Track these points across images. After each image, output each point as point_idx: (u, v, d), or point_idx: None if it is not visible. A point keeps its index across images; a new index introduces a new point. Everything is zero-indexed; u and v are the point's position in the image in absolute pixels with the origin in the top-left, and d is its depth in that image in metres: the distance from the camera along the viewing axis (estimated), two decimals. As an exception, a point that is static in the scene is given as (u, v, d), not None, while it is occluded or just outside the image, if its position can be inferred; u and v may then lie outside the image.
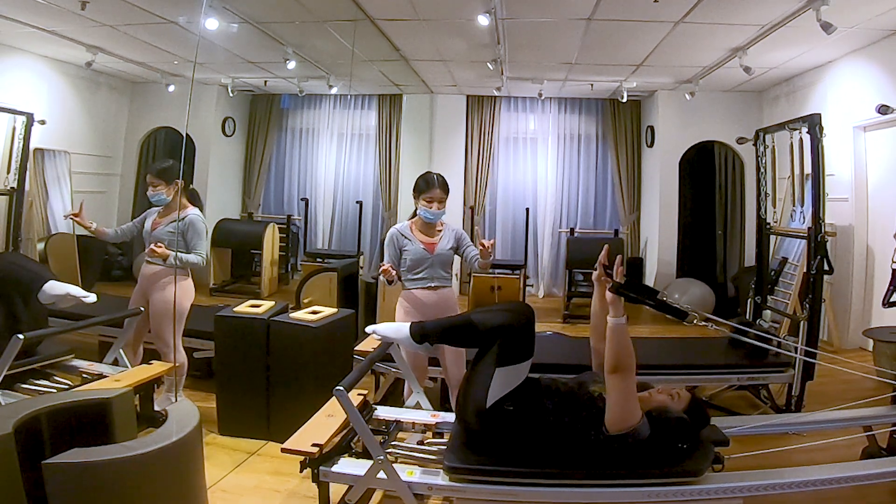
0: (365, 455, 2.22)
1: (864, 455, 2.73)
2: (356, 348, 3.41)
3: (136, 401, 2.65)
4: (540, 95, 7.39)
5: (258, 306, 3.46)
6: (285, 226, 7.96)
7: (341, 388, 2.03)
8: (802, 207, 4.53)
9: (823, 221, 3.65)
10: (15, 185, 5.31)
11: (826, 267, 3.65)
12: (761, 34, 4.67)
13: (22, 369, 2.85)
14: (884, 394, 2.84)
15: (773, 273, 5.04)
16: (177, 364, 3.20)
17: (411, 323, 2.39)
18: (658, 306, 2.09)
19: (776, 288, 5.04)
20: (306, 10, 4.65)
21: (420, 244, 3.11)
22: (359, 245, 7.41)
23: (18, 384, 2.80)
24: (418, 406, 2.76)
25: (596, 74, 6.51)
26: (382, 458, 2.07)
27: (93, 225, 3.43)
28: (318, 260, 6.77)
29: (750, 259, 6.32)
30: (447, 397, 3.47)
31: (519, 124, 8.15)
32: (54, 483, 1.77)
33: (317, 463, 2.13)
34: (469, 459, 2.10)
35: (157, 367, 2.96)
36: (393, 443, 2.40)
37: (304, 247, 8.19)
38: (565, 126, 8.10)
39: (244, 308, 3.45)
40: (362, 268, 6.62)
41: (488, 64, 5.86)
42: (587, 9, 4.39)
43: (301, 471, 2.17)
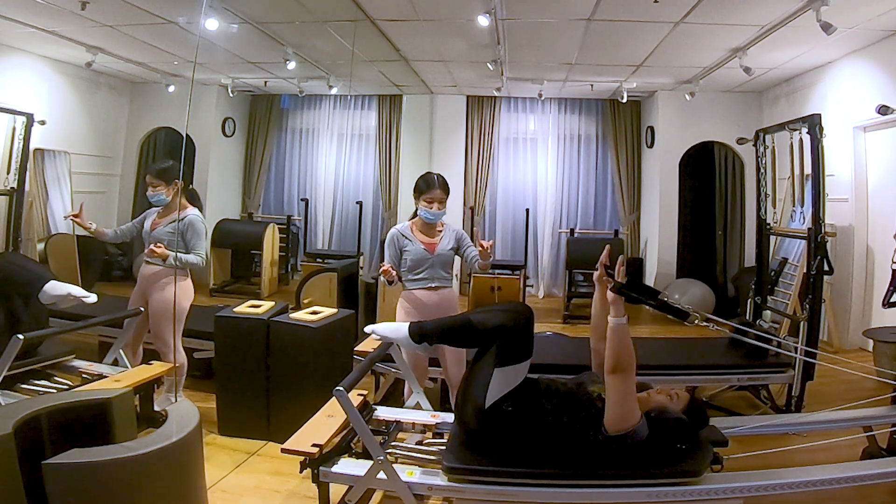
0: (365, 455, 2.22)
1: (865, 455, 2.73)
2: (356, 348, 3.40)
3: (136, 401, 2.65)
4: (540, 96, 7.39)
5: (258, 307, 3.46)
6: (285, 226, 7.96)
7: (341, 389, 2.03)
8: (802, 208, 4.53)
9: (823, 222, 3.65)
10: (15, 186, 5.31)
11: (826, 267, 3.65)
12: (761, 34, 4.68)
13: (23, 370, 2.85)
14: (884, 394, 2.84)
15: (773, 273, 5.04)
16: (177, 364, 3.20)
17: (410, 323, 2.38)
18: (659, 306, 2.09)
19: (776, 288, 5.04)
20: (306, 10, 4.65)
21: (421, 244, 3.11)
22: (359, 245, 7.41)
23: (19, 384, 2.80)
24: (418, 406, 2.76)
25: (596, 75, 6.51)
26: (382, 459, 2.07)
27: (92, 226, 3.43)
28: (318, 260, 6.78)
29: (750, 259, 6.32)
30: (447, 397, 3.47)
31: (519, 124, 8.15)
32: (54, 483, 1.77)
33: (317, 463, 2.13)
34: (468, 460, 2.10)
35: (157, 368, 2.96)
36: (393, 443, 2.40)
37: (304, 247, 8.18)
38: (565, 126, 8.09)
39: (244, 308, 3.45)
40: (362, 268, 6.62)
41: (488, 64, 5.86)
42: (587, 9, 4.39)
43: (301, 471, 2.17)
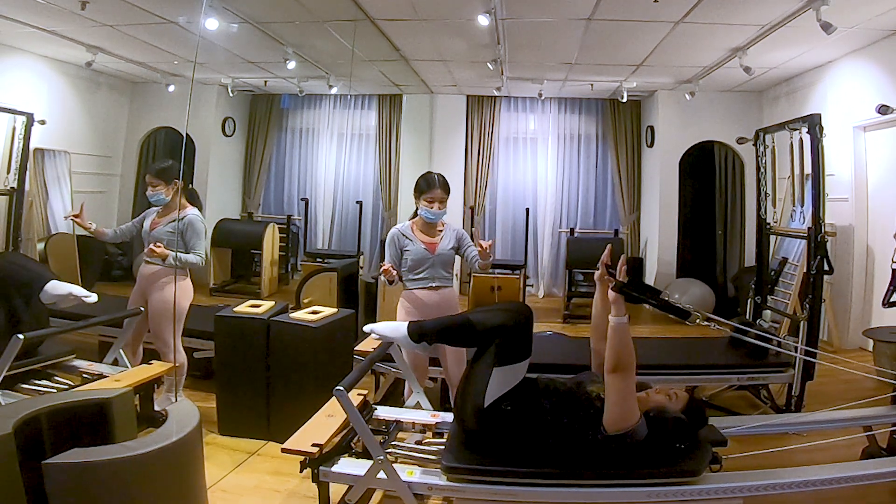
0: (365, 455, 2.22)
1: (865, 455, 2.73)
2: (356, 348, 3.40)
3: (136, 401, 2.65)
4: (540, 95, 7.39)
5: (258, 306, 3.46)
6: (285, 226, 7.96)
7: (341, 388, 2.03)
8: (802, 207, 4.53)
9: (823, 221, 3.65)
10: (15, 185, 5.31)
11: (826, 267, 3.64)
12: (761, 34, 4.68)
13: (24, 369, 2.85)
14: (884, 394, 2.84)
15: (773, 273, 5.04)
16: (176, 364, 3.20)
17: (409, 322, 2.38)
18: (661, 306, 2.09)
19: (776, 288, 5.04)
20: (306, 10, 4.65)
21: (421, 244, 3.11)
22: (359, 245, 7.41)
23: (19, 384, 2.80)
24: (418, 406, 2.76)
25: (596, 74, 6.51)
26: (382, 458, 2.07)
27: (92, 226, 3.43)
28: (318, 260, 6.77)
29: (750, 259, 6.33)
30: (447, 397, 3.47)
31: (519, 124, 8.15)
32: (54, 483, 1.77)
33: (317, 463, 2.13)
34: (467, 459, 2.10)
35: (157, 367, 2.96)
36: (393, 443, 2.40)
37: (304, 247, 8.18)
38: (565, 126, 8.09)
39: (244, 308, 3.45)
40: (362, 268, 6.62)
41: (488, 64, 5.86)
42: (587, 9, 4.39)
43: (301, 471, 2.17)
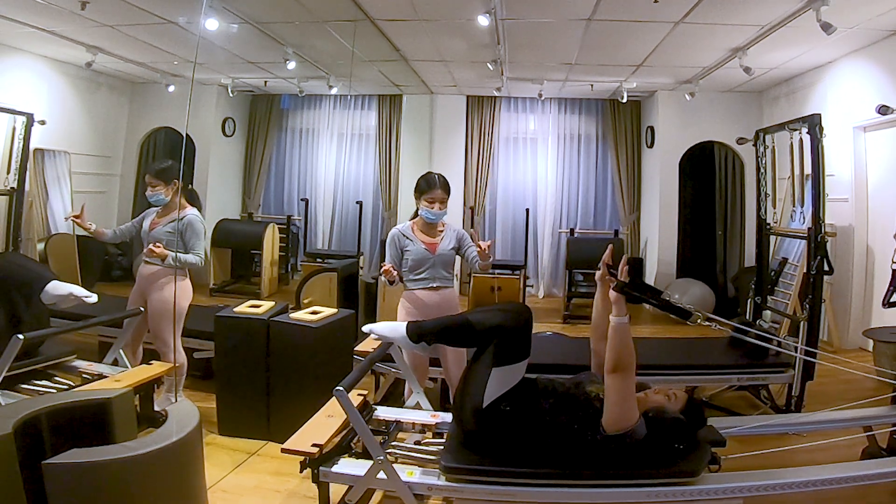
0: (365, 455, 2.22)
1: (865, 455, 2.73)
2: (356, 348, 3.40)
3: (136, 401, 2.65)
4: (540, 96, 7.39)
5: (258, 306, 3.46)
6: (285, 226, 7.96)
7: (341, 389, 2.03)
8: (802, 208, 4.53)
9: (823, 222, 3.65)
10: (15, 186, 5.31)
11: (826, 267, 3.64)
12: (761, 34, 4.68)
13: (25, 370, 2.85)
14: (884, 394, 2.84)
15: (773, 273, 5.03)
16: (176, 364, 3.20)
17: (408, 322, 2.38)
18: (662, 306, 2.10)
19: (776, 288, 5.04)
20: (306, 11, 4.65)
21: (422, 244, 3.11)
22: (359, 245, 7.40)
23: (20, 384, 2.79)
24: (418, 406, 2.76)
25: (596, 75, 6.51)
26: (382, 459, 2.07)
27: (92, 226, 3.43)
28: (318, 260, 6.77)
29: (750, 259, 6.33)
30: (447, 397, 3.47)
31: (519, 124, 8.15)
32: (54, 483, 1.77)
33: (317, 463, 2.13)
34: (466, 459, 2.10)
35: (157, 368, 2.96)
36: (393, 443, 2.40)
37: (304, 247, 8.18)
38: (565, 126, 8.09)
39: (244, 308, 3.45)
40: (362, 268, 6.62)
41: (488, 64, 5.86)
42: (587, 9, 4.39)
43: (301, 471, 2.17)
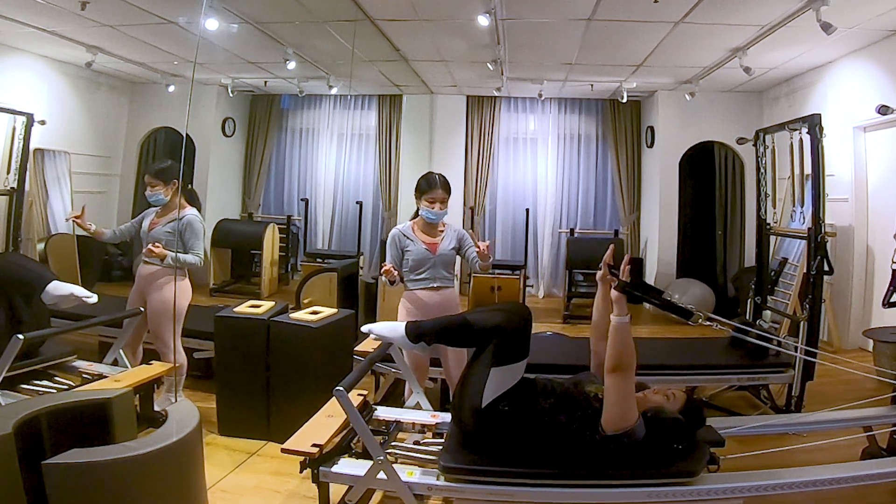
0: (365, 455, 2.22)
1: (865, 455, 2.73)
2: (356, 348, 3.40)
3: (136, 401, 2.65)
4: (540, 96, 7.39)
5: (258, 306, 3.46)
6: (285, 226, 7.96)
7: (341, 389, 2.03)
8: (802, 208, 4.53)
9: (823, 222, 3.65)
10: (15, 186, 5.31)
11: (826, 267, 3.64)
12: (761, 34, 4.68)
13: (25, 370, 2.84)
14: (884, 394, 2.84)
15: (773, 273, 5.04)
16: (176, 364, 3.20)
17: (407, 322, 2.38)
18: (663, 305, 2.10)
19: (776, 288, 5.04)
20: (306, 10, 4.65)
21: (422, 244, 3.11)
22: (359, 245, 7.40)
23: (20, 384, 2.79)
24: (418, 406, 2.76)
25: (596, 75, 6.51)
26: (382, 459, 2.07)
27: (92, 226, 3.42)
28: (318, 260, 6.77)
29: (750, 259, 6.33)
30: (447, 397, 3.47)
31: (519, 124, 8.15)
32: (54, 483, 1.77)
33: (317, 463, 2.13)
34: (465, 460, 2.10)
35: (157, 368, 2.96)
36: (393, 443, 2.40)
37: (304, 247, 8.18)
38: (565, 126, 8.09)
39: (244, 308, 3.45)
40: (362, 268, 6.62)
41: (488, 64, 5.86)
42: (587, 9, 4.39)
43: (301, 471, 2.17)
